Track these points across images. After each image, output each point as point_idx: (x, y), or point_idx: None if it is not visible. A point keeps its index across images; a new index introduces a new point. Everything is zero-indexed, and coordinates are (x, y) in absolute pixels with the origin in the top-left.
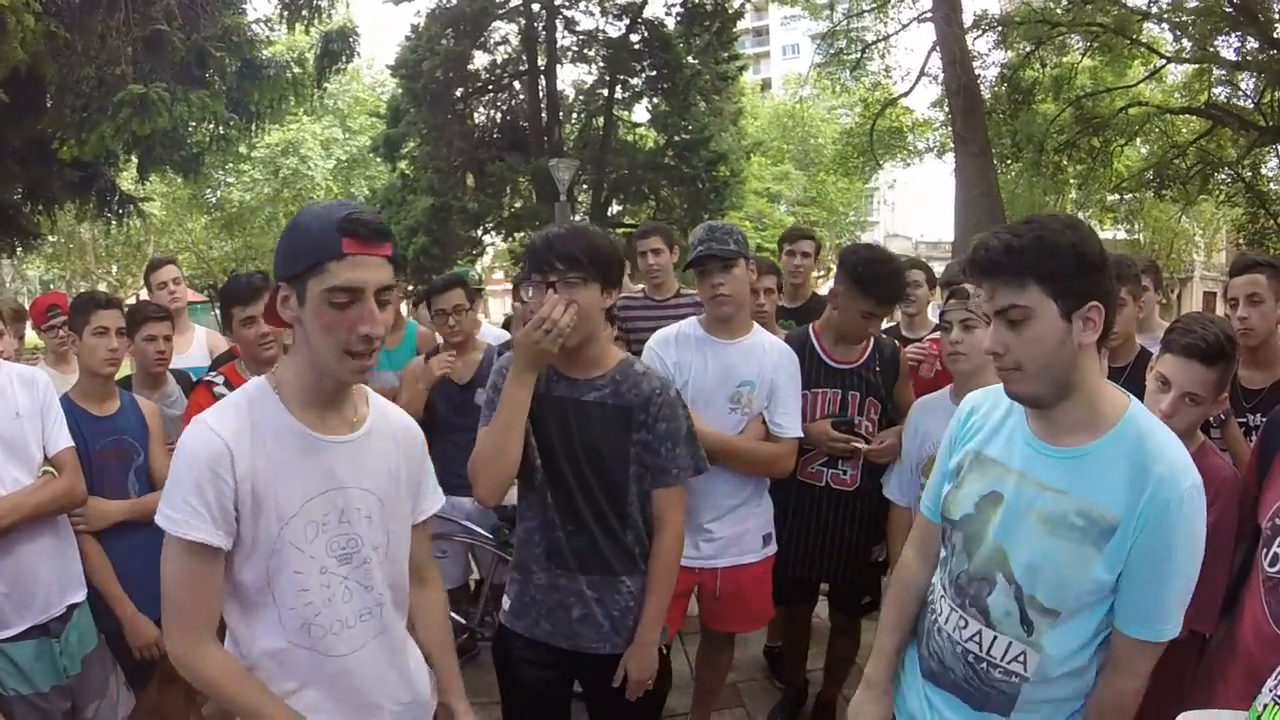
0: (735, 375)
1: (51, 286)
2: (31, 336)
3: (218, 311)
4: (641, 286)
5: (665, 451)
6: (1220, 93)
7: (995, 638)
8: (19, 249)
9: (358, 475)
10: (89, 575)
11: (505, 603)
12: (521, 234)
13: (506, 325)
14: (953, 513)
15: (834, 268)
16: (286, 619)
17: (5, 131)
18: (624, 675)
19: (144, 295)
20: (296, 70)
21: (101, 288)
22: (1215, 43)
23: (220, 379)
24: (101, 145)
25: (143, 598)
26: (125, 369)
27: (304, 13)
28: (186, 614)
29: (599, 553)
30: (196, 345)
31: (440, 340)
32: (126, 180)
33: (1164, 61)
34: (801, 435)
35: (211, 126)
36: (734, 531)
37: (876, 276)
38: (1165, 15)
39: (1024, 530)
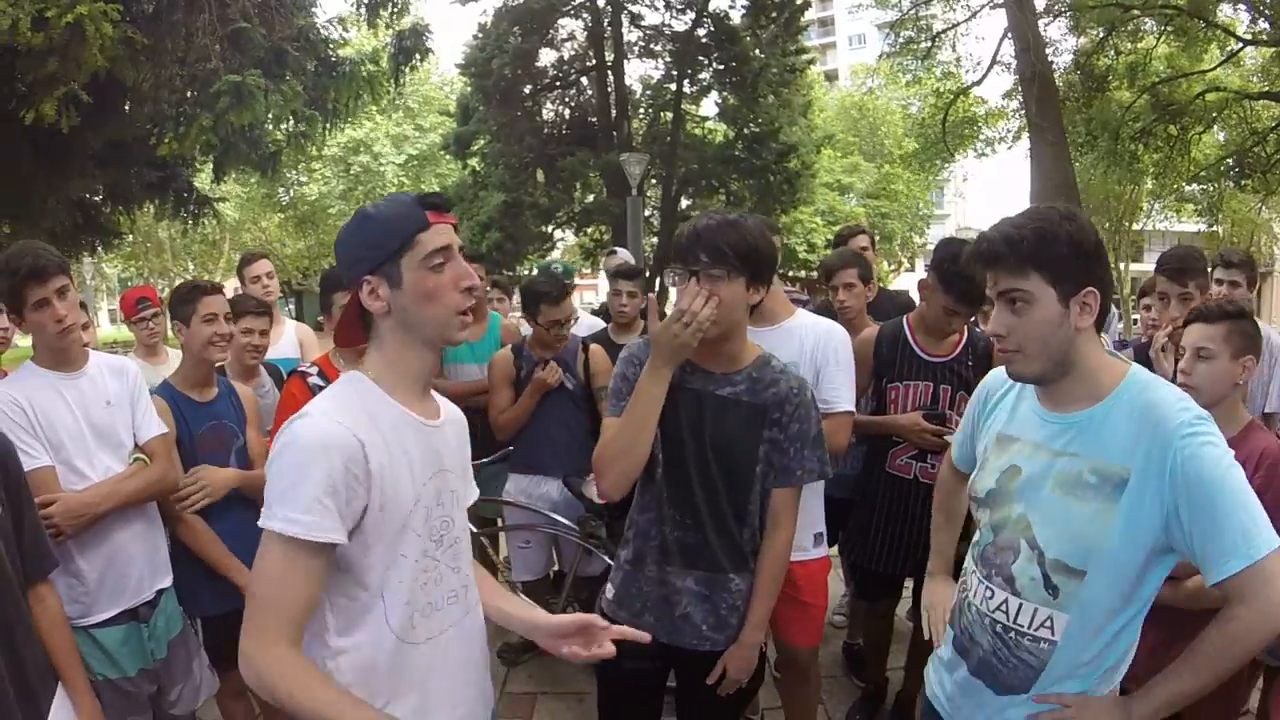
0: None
1: (130, 284)
2: (105, 333)
3: (292, 306)
4: None
5: (794, 452)
6: None
7: (1021, 604)
8: (99, 248)
9: (449, 457)
10: (198, 549)
11: (609, 590)
12: (591, 228)
13: (598, 313)
14: (978, 491)
15: (904, 260)
16: (394, 615)
17: (86, 134)
18: (721, 672)
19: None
20: (371, 68)
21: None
22: None
23: (315, 369)
24: (200, 138)
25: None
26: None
27: (383, 11)
28: (288, 622)
29: (710, 549)
30: (287, 338)
31: (526, 331)
32: (202, 180)
33: (1241, 44)
34: (852, 410)
35: (290, 125)
36: None
37: (958, 275)
38: None
39: (1043, 496)
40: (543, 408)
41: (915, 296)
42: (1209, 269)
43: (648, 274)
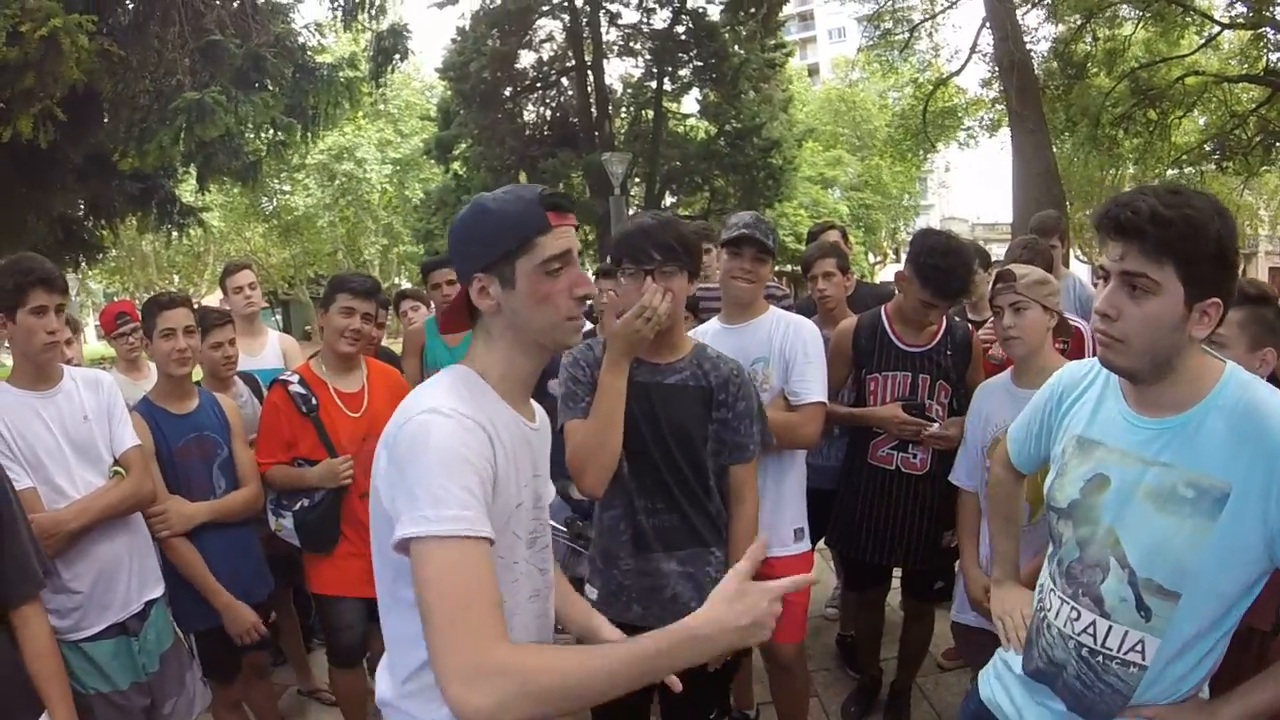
0: (749, 354)
1: (114, 299)
2: (94, 349)
3: (279, 317)
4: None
5: (744, 429)
6: (1279, 59)
7: (1110, 627)
8: (83, 262)
9: (543, 462)
10: (180, 570)
11: (590, 592)
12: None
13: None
14: (1059, 500)
15: (890, 252)
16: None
17: (65, 148)
18: None
19: (208, 303)
20: (350, 73)
21: None
22: (1271, 7)
23: (296, 378)
24: (161, 154)
25: (229, 590)
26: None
27: (360, 15)
28: (480, 614)
29: (690, 527)
30: (270, 348)
31: None
32: (186, 191)
33: (1219, 29)
34: (824, 400)
35: (269, 133)
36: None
37: (934, 269)
38: None
39: (1133, 511)
40: None
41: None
42: None
43: None
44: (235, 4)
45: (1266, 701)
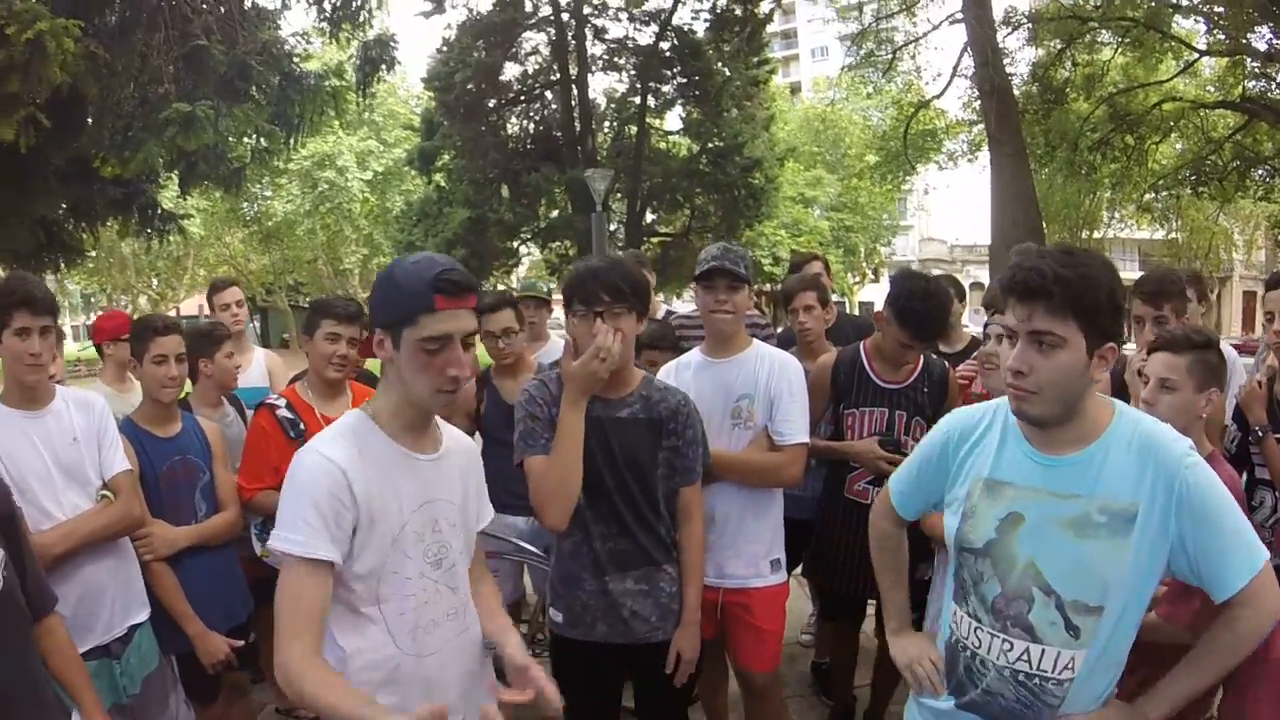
0: (734, 391)
1: (92, 300)
2: (70, 350)
3: (256, 324)
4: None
5: (691, 454)
6: (1255, 86)
7: (1044, 650)
8: (62, 265)
9: (444, 488)
10: (158, 595)
11: (556, 615)
12: (556, 244)
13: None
14: (973, 541)
15: (869, 273)
16: (394, 625)
17: (48, 151)
18: (676, 657)
19: (186, 308)
20: (336, 82)
21: (142, 301)
22: (1248, 35)
23: (283, 402)
24: (145, 164)
25: (209, 616)
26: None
27: (345, 25)
28: (305, 630)
29: (641, 549)
30: (256, 366)
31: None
32: (167, 198)
33: (1197, 55)
34: (806, 441)
35: (252, 140)
36: (735, 551)
37: (913, 312)
38: (1196, 7)
39: (1052, 541)
40: (511, 446)
41: (879, 305)
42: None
43: None
44: (222, 10)
45: (1185, 690)
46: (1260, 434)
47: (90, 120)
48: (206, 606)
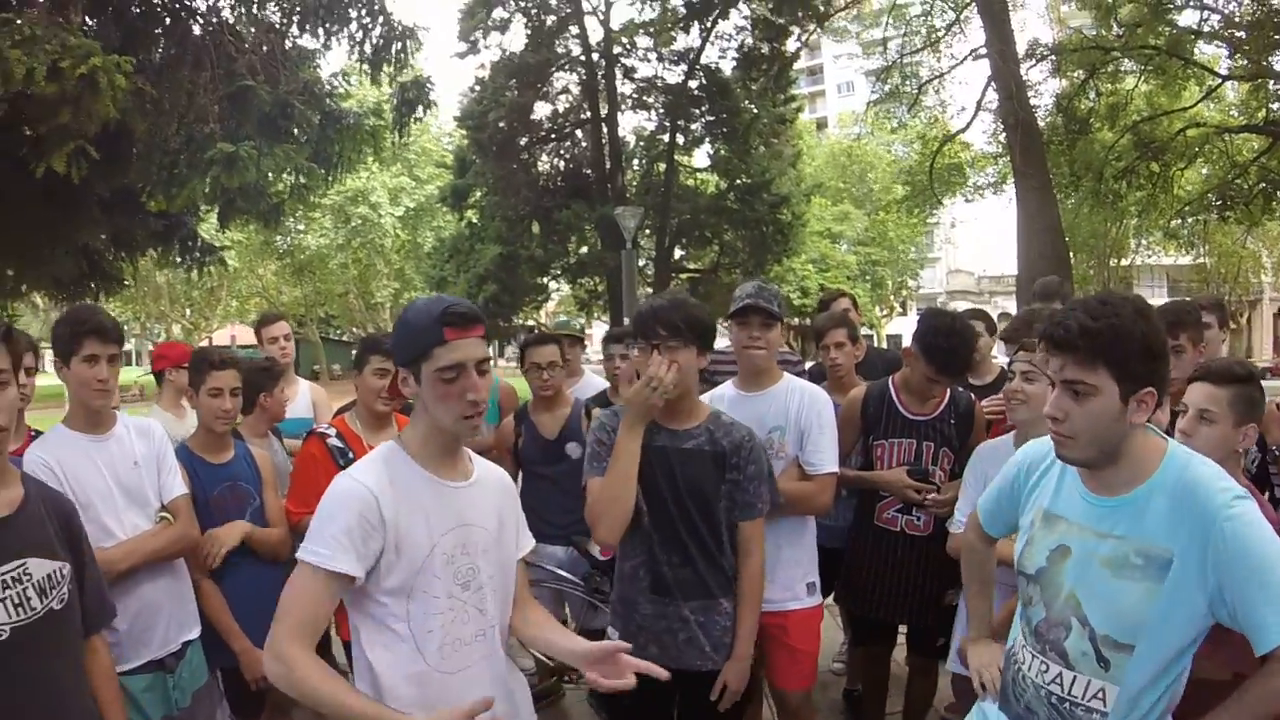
0: (765, 423)
1: (126, 329)
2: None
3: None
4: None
5: (753, 489)
6: (1279, 108)
7: (1075, 678)
8: (101, 293)
9: (475, 514)
10: (206, 611)
11: (611, 633)
12: (586, 279)
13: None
14: (1028, 567)
15: (897, 305)
16: (422, 641)
17: (94, 182)
18: (723, 687)
19: (219, 338)
20: (374, 121)
21: (175, 330)
22: (1270, 58)
23: (333, 431)
24: (190, 200)
25: (255, 633)
26: None
27: (386, 67)
28: (299, 618)
29: (701, 580)
30: (301, 398)
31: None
32: (206, 229)
33: (1219, 81)
34: (836, 470)
35: (292, 177)
36: (771, 577)
37: (938, 349)
38: (1218, 33)
39: (1093, 576)
40: (549, 479)
41: (906, 340)
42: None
43: None
44: (264, 49)
45: None
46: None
47: (137, 155)
48: (253, 624)
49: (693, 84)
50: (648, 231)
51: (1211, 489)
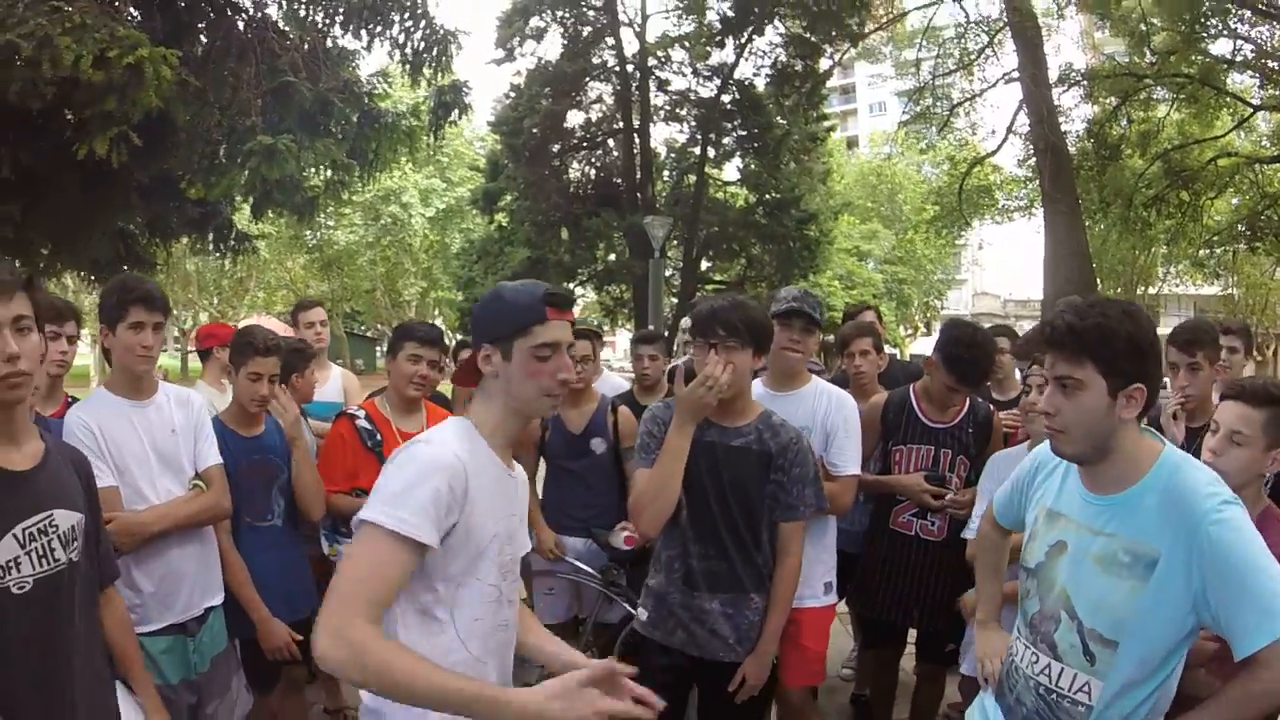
0: (793, 422)
1: None
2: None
3: None
4: None
5: (796, 491)
6: None
7: (1062, 669)
8: None
9: (519, 506)
10: (228, 582)
11: (641, 614)
12: (612, 286)
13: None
14: (1029, 562)
15: (922, 325)
16: (465, 630)
17: (134, 168)
18: (741, 679)
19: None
20: (412, 122)
21: (202, 317)
22: None
23: (362, 413)
24: (229, 189)
25: (275, 607)
26: None
27: (426, 70)
28: (370, 594)
29: (735, 574)
30: (333, 382)
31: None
32: (241, 218)
33: (1251, 110)
34: (858, 473)
35: (329, 173)
36: None
37: (959, 359)
38: (1250, 63)
39: (1084, 572)
40: (573, 473)
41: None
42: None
43: (667, 334)
44: (306, 47)
45: None
46: None
47: (179, 143)
48: (273, 597)
49: (726, 98)
50: (676, 242)
51: (1200, 493)
